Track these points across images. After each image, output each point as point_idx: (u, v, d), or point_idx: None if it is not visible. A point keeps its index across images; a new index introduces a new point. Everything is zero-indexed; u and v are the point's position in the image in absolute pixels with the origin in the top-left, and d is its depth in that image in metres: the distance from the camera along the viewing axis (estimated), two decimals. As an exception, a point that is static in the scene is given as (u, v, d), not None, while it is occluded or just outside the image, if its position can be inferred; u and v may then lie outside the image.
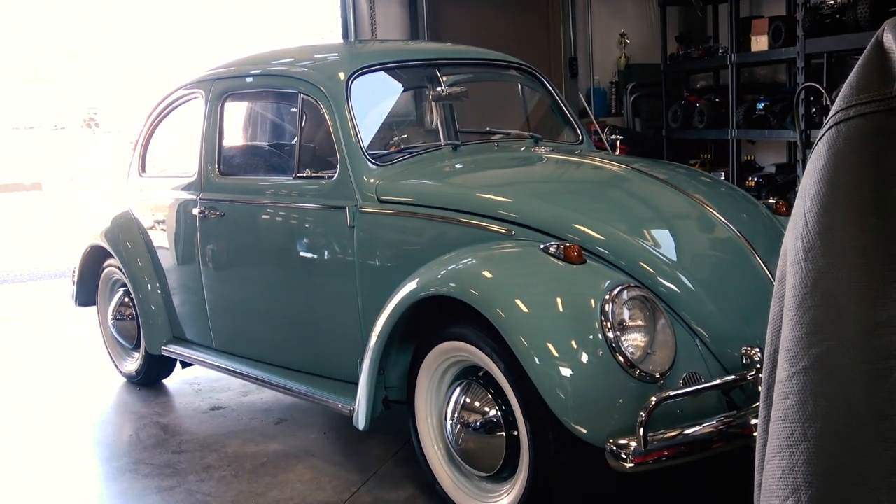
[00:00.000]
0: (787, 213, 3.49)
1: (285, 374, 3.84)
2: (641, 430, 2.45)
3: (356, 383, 3.28)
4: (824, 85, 5.38)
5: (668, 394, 2.52)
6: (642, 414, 2.46)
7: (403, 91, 4.14)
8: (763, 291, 2.95)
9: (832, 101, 3.90)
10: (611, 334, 2.61)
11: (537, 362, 2.60)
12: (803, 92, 5.42)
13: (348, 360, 3.51)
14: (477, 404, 2.92)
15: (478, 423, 2.91)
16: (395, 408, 3.28)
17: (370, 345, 3.14)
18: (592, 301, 2.67)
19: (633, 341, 2.66)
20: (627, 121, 8.30)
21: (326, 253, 3.60)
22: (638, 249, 2.94)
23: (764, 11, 7.39)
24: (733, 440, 2.61)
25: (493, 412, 2.87)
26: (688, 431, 2.57)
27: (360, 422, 3.21)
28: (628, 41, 8.60)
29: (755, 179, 6.73)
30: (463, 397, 2.96)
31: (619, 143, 4.26)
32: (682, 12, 8.65)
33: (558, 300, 2.74)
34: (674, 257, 2.98)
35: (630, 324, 2.67)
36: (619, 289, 2.68)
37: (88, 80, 8.94)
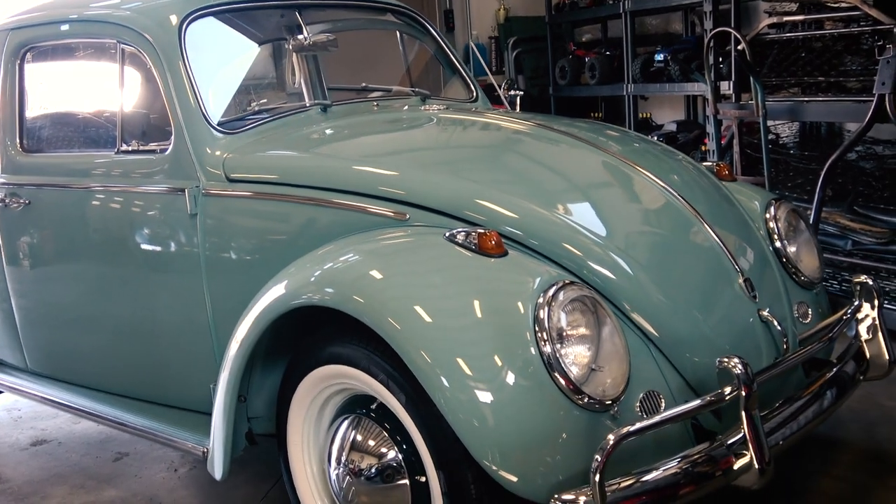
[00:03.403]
0: (731, 178, 2.91)
1: (119, 403, 3.07)
2: (597, 477, 1.82)
3: (210, 414, 2.54)
4: (733, 27, 4.86)
5: (628, 429, 1.89)
6: (597, 457, 1.84)
7: (254, 40, 3.34)
8: (721, 271, 2.36)
9: (748, 47, 3.22)
10: (547, 348, 1.95)
11: (445, 384, 1.94)
12: (713, 40, 4.89)
13: (197, 384, 2.79)
14: (371, 444, 2.26)
15: (372, 470, 2.24)
16: (264, 440, 2.61)
17: (225, 365, 2.41)
18: (520, 305, 2.00)
19: (575, 357, 2.00)
20: (510, 78, 7.67)
21: (162, 248, 2.82)
22: (559, 226, 2.29)
23: (655, -45, 6.85)
24: (707, 482, 2.01)
25: (391, 454, 2.22)
26: (649, 477, 1.95)
27: (217, 468, 2.50)
28: (507, -8, 7.95)
29: (655, 138, 6.20)
30: (352, 435, 2.28)
31: (518, 99, 3.59)
32: (565, -41, 8.06)
33: (474, 304, 2.05)
34: (604, 233, 2.32)
35: (570, 333, 2.02)
36: (554, 288, 2.01)
37: None
